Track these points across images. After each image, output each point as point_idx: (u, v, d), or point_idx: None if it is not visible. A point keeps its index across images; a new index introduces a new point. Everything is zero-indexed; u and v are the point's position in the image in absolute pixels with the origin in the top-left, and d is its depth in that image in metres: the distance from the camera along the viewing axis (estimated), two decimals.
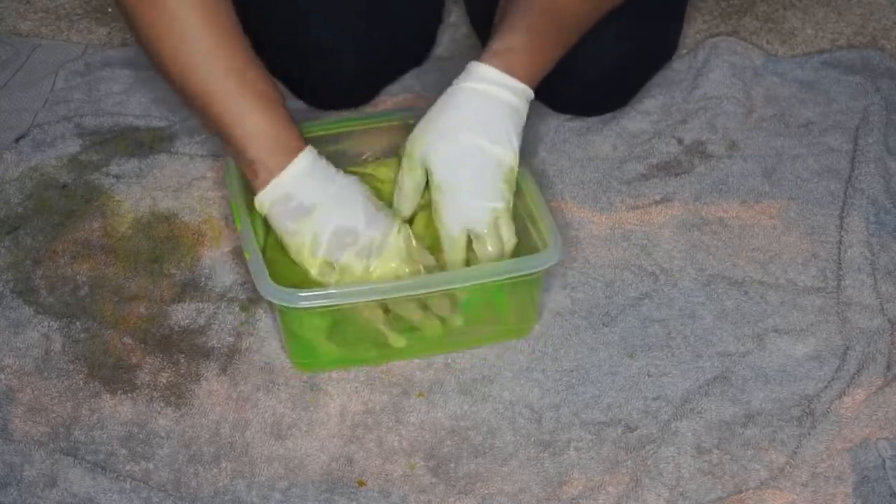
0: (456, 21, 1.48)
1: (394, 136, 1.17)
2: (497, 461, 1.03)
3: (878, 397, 1.05)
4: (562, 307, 1.16)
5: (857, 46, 1.46)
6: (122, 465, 1.02)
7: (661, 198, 1.26)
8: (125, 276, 1.17)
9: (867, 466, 1.00)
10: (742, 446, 1.03)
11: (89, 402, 1.07)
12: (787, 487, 0.99)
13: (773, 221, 1.24)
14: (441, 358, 1.11)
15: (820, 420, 1.04)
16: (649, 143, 1.33)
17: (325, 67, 1.30)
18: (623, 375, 1.10)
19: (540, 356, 1.12)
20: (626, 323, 1.14)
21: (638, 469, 1.01)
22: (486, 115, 1.07)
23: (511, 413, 1.07)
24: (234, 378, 1.09)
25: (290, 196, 1.05)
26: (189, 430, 1.05)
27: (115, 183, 1.26)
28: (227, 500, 1.00)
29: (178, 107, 1.35)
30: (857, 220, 1.21)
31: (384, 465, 1.03)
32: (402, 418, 1.06)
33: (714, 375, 1.09)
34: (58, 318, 1.13)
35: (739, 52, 1.43)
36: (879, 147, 1.30)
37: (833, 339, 1.13)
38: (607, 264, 1.20)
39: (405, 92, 1.38)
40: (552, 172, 1.29)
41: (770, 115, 1.37)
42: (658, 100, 1.38)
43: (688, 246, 1.22)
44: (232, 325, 1.13)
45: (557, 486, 1.01)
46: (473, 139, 1.07)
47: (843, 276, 1.17)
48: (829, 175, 1.29)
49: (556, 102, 1.34)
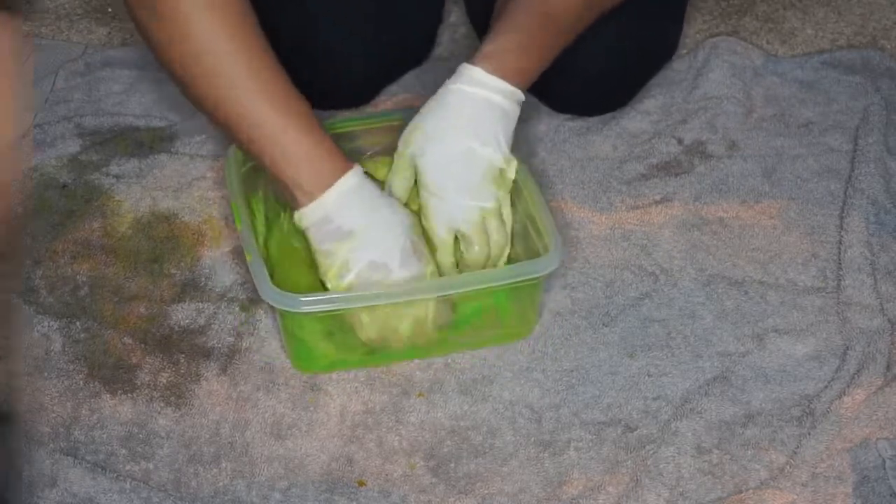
0: (456, 21, 1.48)
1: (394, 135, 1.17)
2: (497, 461, 1.03)
3: (878, 397, 1.05)
4: (562, 307, 1.16)
5: (857, 46, 1.46)
6: (122, 465, 1.02)
7: (661, 198, 1.26)
8: (125, 276, 1.17)
9: (867, 466, 1.00)
10: (742, 446, 1.03)
11: (89, 402, 1.07)
12: (787, 487, 0.99)
13: (773, 221, 1.24)
14: (441, 358, 1.11)
15: (820, 420, 1.04)
16: (649, 143, 1.33)
17: (334, 70, 1.30)
18: (623, 375, 1.10)
19: (540, 356, 1.12)
20: (626, 323, 1.14)
21: (638, 469, 1.01)
22: (476, 118, 1.07)
23: (511, 413, 1.07)
24: (234, 378, 1.09)
25: (329, 218, 1.03)
26: (189, 430, 1.05)
27: (115, 183, 1.26)
28: (227, 500, 1.00)
29: (178, 107, 1.35)
30: (857, 220, 1.21)
31: (384, 465, 1.03)
32: (402, 418, 1.06)
33: (714, 375, 1.09)
34: (58, 318, 1.13)
35: (739, 52, 1.43)
36: (879, 147, 1.30)
37: (833, 339, 1.13)
38: (607, 264, 1.20)
39: (405, 92, 1.38)
40: (552, 172, 1.29)
41: (770, 115, 1.37)
42: (658, 100, 1.38)
43: (688, 246, 1.22)
44: (232, 325, 1.13)
45: (557, 486, 1.01)
46: (462, 141, 1.06)
47: (843, 276, 1.17)
48: (829, 175, 1.29)
49: (556, 102, 1.34)
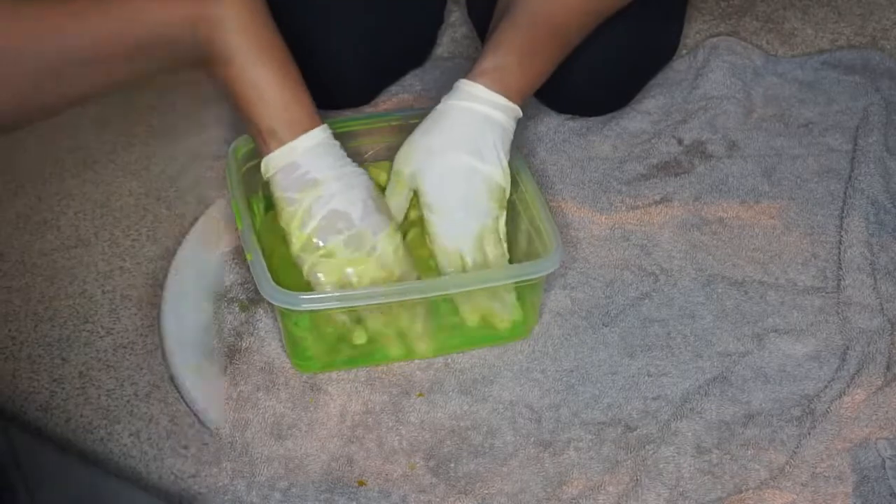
0: (456, 21, 1.48)
1: (394, 135, 1.17)
2: (497, 461, 1.03)
3: (878, 397, 1.06)
4: (562, 307, 1.16)
5: (857, 46, 1.46)
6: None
7: (661, 198, 1.26)
8: None
9: (867, 466, 1.00)
10: (742, 446, 1.03)
11: None
12: (787, 487, 0.99)
13: (773, 221, 1.24)
14: (441, 358, 1.11)
15: (820, 420, 1.04)
16: (649, 143, 1.33)
17: (334, 71, 1.30)
18: (623, 375, 1.10)
19: (540, 356, 1.12)
20: (626, 323, 1.14)
21: (638, 469, 1.01)
22: (476, 134, 1.07)
23: (511, 413, 1.07)
24: (234, 378, 1.09)
25: (297, 165, 1.04)
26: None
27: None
28: (227, 500, 1.00)
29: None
30: (857, 220, 1.21)
31: (384, 465, 1.03)
32: (402, 418, 1.06)
33: (714, 375, 1.09)
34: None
35: (739, 52, 1.43)
36: (879, 147, 1.30)
37: (833, 339, 1.13)
38: (607, 264, 1.20)
39: (405, 92, 1.38)
40: (552, 172, 1.29)
41: (770, 115, 1.37)
42: (658, 100, 1.38)
43: (688, 246, 1.22)
44: (232, 325, 1.13)
45: (557, 486, 1.01)
46: (463, 158, 1.06)
47: (843, 276, 1.17)
48: (829, 175, 1.29)
49: (556, 102, 1.34)
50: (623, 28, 1.26)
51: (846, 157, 1.31)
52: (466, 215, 1.07)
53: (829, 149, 1.32)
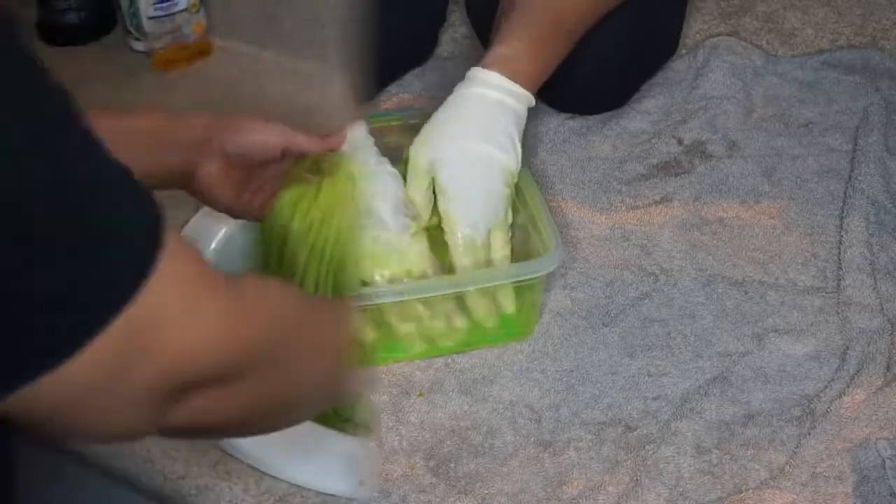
0: (456, 21, 1.48)
1: (393, 135, 1.17)
2: (497, 461, 1.03)
3: (878, 397, 1.05)
4: (562, 307, 1.16)
5: (857, 46, 1.46)
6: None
7: (661, 198, 1.26)
8: None
9: (867, 466, 1.00)
10: (742, 446, 1.03)
11: None
12: (787, 487, 0.99)
13: (773, 221, 1.24)
14: (441, 358, 1.11)
15: (820, 420, 1.04)
16: (649, 143, 1.33)
17: None
18: (623, 375, 1.10)
19: (540, 356, 1.12)
20: (626, 323, 1.14)
21: (638, 469, 1.01)
22: (493, 122, 1.07)
23: (511, 413, 1.07)
24: None
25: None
26: None
27: None
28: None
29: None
30: (857, 220, 1.21)
31: (384, 466, 1.03)
32: (402, 418, 1.06)
33: (714, 375, 1.09)
34: None
35: (739, 52, 1.43)
36: (879, 147, 1.30)
37: (833, 339, 1.13)
38: (607, 264, 1.20)
39: (405, 92, 1.38)
40: (552, 172, 1.29)
41: (770, 115, 1.37)
42: (658, 100, 1.38)
43: (688, 246, 1.22)
44: None
45: (557, 486, 1.01)
46: (481, 146, 1.07)
47: (843, 276, 1.17)
48: (829, 175, 1.29)
49: (556, 101, 1.34)
50: (623, 26, 1.26)
51: (846, 157, 1.31)
52: (484, 204, 1.07)
53: (829, 149, 1.32)
